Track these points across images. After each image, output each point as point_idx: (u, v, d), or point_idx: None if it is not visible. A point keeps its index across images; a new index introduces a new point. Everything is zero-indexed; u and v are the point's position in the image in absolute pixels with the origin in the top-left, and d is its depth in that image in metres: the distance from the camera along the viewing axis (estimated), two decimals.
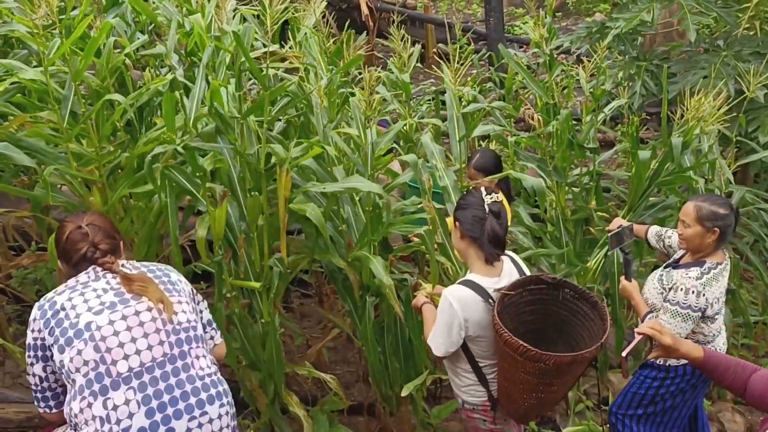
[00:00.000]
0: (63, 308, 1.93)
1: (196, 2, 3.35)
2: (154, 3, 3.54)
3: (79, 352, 1.86)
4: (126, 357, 1.88)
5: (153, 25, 3.50)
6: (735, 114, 3.73)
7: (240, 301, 2.85)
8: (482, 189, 2.51)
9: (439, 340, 2.45)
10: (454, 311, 2.39)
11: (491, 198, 2.46)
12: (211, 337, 2.23)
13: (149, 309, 1.95)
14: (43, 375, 2.00)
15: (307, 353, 3.61)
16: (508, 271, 2.53)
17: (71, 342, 1.87)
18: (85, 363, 1.86)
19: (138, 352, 1.89)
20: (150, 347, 1.91)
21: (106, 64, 2.85)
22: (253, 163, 2.71)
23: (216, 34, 2.99)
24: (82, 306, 1.92)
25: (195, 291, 2.23)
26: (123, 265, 2.07)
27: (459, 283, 2.46)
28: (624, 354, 2.02)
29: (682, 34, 4.50)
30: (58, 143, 2.75)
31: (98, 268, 2.03)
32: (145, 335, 1.91)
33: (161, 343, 1.93)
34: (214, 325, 2.28)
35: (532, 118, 4.38)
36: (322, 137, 2.89)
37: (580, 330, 2.57)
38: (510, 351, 2.27)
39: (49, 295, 2.02)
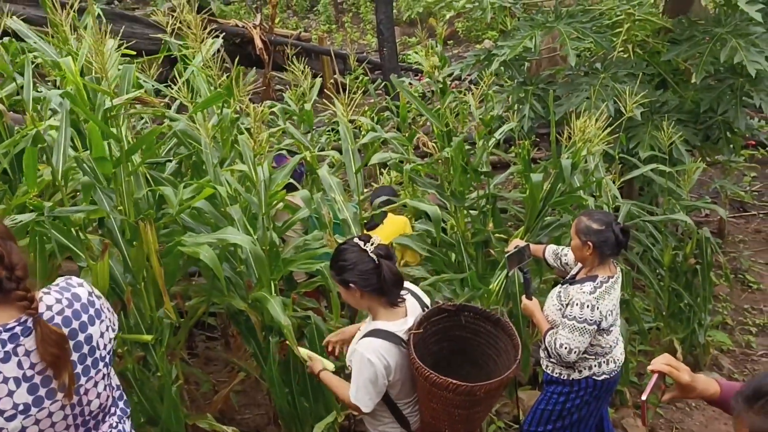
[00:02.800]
0: None
1: (77, 44, 3.21)
2: (33, 43, 3.36)
3: None
4: None
5: (35, 65, 3.32)
6: (616, 133, 3.93)
7: (134, 356, 2.70)
8: (356, 239, 2.39)
9: (366, 397, 2.36)
10: (374, 366, 2.30)
11: (372, 243, 2.35)
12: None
13: (62, 407, 1.74)
14: None
15: (214, 400, 3.48)
16: (412, 308, 2.47)
17: None
18: None
19: None
20: None
21: None
22: (125, 217, 2.58)
23: (97, 75, 2.87)
24: None
25: (113, 314, 1.90)
26: (41, 300, 1.68)
27: (368, 336, 2.37)
28: (644, 398, 1.76)
29: (565, 58, 4.72)
30: None
31: (10, 322, 1.62)
32: None
33: None
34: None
35: (426, 145, 4.45)
36: (213, 177, 2.81)
37: (486, 349, 2.60)
38: (438, 390, 2.25)
39: None
